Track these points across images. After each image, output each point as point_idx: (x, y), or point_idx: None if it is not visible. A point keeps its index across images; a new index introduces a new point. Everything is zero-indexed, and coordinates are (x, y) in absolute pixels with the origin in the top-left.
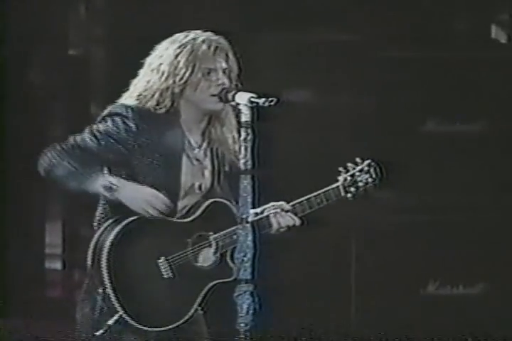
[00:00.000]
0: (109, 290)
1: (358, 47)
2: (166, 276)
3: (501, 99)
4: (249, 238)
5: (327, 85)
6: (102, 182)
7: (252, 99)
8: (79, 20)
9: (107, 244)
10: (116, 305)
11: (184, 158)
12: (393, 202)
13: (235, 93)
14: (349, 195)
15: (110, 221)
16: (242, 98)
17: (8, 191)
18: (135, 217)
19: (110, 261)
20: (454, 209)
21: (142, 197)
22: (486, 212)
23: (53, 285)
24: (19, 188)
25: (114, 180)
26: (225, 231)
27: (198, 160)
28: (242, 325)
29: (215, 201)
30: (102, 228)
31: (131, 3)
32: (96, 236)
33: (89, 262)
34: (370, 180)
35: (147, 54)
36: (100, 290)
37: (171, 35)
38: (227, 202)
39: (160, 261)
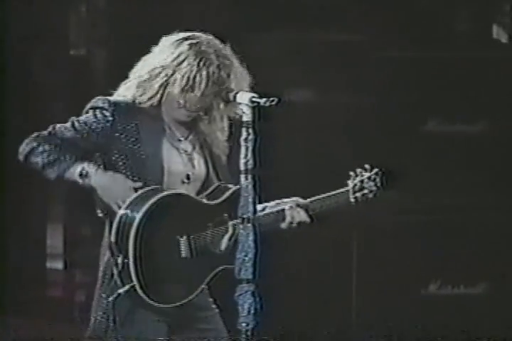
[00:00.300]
0: (130, 259)
1: (357, 47)
2: (183, 255)
3: (501, 99)
4: (251, 238)
5: (327, 85)
6: (78, 169)
7: (253, 99)
8: (79, 20)
9: (138, 217)
10: (133, 274)
11: (169, 149)
12: (394, 201)
13: (236, 93)
14: (353, 200)
15: (135, 196)
16: (243, 98)
17: (8, 191)
18: (165, 194)
19: (138, 233)
20: (455, 209)
21: (114, 191)
22: (486, 212)
23: (54, 285)
24: (20, 188)
25: (88, 166)
26: None
27: (185, 151)
28: (243, 324)
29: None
30: (127, 203)
31: (131, 3)
32: (122, 210)
33: (113, 239)
34: (374, 188)
35: (147, 54)
36: (120, 261)
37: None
38: None
39: (182, 239)
